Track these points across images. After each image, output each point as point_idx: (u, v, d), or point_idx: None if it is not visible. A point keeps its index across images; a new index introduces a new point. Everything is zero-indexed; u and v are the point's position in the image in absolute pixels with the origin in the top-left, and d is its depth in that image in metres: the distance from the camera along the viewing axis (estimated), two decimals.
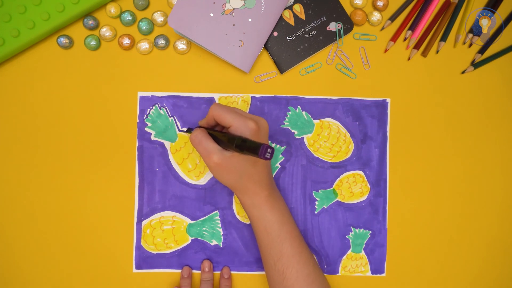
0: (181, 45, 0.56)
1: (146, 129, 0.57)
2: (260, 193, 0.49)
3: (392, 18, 0.58)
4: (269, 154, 0.40)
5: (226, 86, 0.57)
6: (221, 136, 0.47)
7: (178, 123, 0.57)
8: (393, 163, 0.58)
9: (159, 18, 0.56)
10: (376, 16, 0.57)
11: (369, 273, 0.58)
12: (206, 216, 0.57)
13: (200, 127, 0.52)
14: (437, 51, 0.59)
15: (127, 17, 0.56)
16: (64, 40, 0.55)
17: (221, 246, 0.57)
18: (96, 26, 0.56)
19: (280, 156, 0.57)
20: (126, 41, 0.56)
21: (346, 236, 0.58)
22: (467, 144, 0.59)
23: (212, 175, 0.57)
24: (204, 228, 0.57)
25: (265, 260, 0.51)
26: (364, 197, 0.58)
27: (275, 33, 0.56)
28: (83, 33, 0.56)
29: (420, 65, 0.58)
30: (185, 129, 0.57)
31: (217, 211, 0.57)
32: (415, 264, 0.58)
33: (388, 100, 0.58)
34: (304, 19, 0.56)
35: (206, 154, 0.47)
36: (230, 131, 0.47)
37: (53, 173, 0.56)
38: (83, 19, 0.55)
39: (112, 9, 0.55)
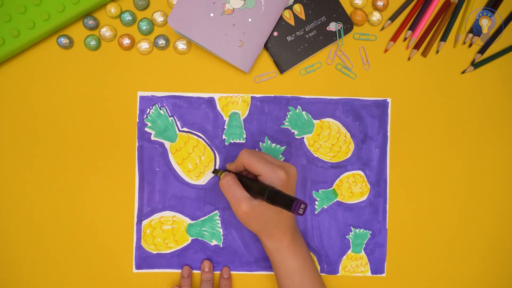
0: (181, 45, 0.56)
1: (146, 129, 0.57)
2: (283, 239, 0.49)
3: (392, 18, 0.58)
4: (302, 210, 0.40)
5: (226, 86, 0.57)
6: (251, 184, 0.47)
7: (178, 123, 0.57)
8: (393, 163, 0.58)
9: (159, 18, 0.56)
10: (376, 16, 0.57)
11: (369, 273, 0.58)
12: (206, 216, 0.57)
13: (227, 170, 0.52)
14: (437, 51, 0.59)
15: (127, 17, 0.56)
16: (64, 40, 0.55)
17: (221, 246, 0.57)
18: (96, 26, 0.56)
19: (280, 156, 0.57)
20: (126, 41, 0.56)
21: (346, 236, 0.58)
22: (467, 144, 0.59)
23: (212, 176, 0.57)
24: (204, 228, 0.57)
25: None
26: (364, 197, 0.58)
27: (275, 33, 0.56)
28: (83, 33, 0.56)
29: (420, 65, 0.58)
30: (211, 169, 0.57)
31: (217, 211, 0.57)
32: (415, 264, 0.58)
33: (389, 100, 0.58)
34: (304, 19, 0.56)
35: (235, 202, 0.47)
36: (260, 179, 0.47)
37: (53, 173, 0.56)
38: (83, 19, 0.55)
39: (112, 9, 0.55)
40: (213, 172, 0.56)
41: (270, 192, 0.43)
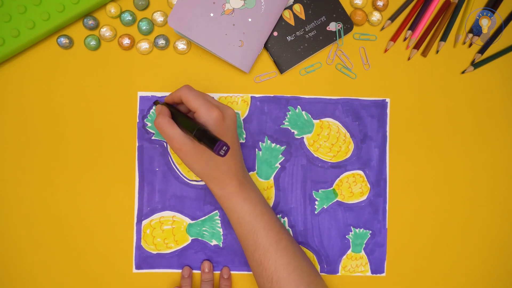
0: (181, 45, 0.56)
1: (146, 129, 0.57)
2: (229, 183, 0.49)
3: (392, 18, 0.58)
4: (223, 151, 0.40)
5: (226, 86, 0.57)
6: (184, 120, 0.47)
7: None
8: (393, 163, 0.58)
9: (159, 18, 0.56)
10: (376, 16, 0.57)
11: (369, 273, 0.58)
12: (206, 216, 0.57)
13: (165, 103, 0.52)
14: (437, 51, 0.59)
15: (127, 17, 0.56)
16: (64, 40, 0.55)
17: (221, 246, 0.57)
18: (96, 26, 0.56)
19: (280, 156, 0.57)
20: (126, 41, 0.56)
21: (346, 236, 0.58)
22: (467, 144, 0.59)
23: None
24: (204, 228, 0.57)
25: (244, 251, 0.51)
26: (364, 197, 0.58)
27: (275, 33, 0.56)
28: (83, 33, 0.56)
29: (420, 65, 0.58)
30: (153, 104, 0.56)
31: (217, 211, 0.57)
32: (415, 264, 0.58)
33: (388, 100, 0.58)
34: (304, 19, 0.56)
35: (169, 141, 0.47)
36: (195, 116, 0.47)
37: (53, 173, 0.56)
38: (83, 19, 0.55)
39: (112, 9, 0.55)
40: (153, 103, 0.54)
41: (198, 130, 0.43)
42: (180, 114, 0.48)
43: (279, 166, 0.58)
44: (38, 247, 0.56)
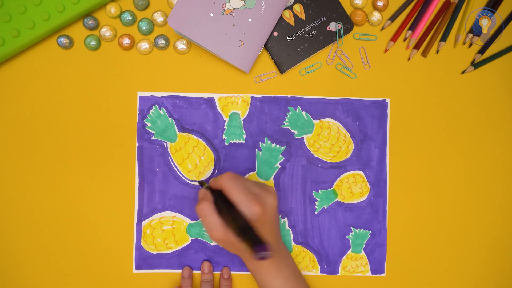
0: (181, 45, 0.56)
1: (146, 129, 0.57)
2: (262, 263, 0.49)
3: (392, 18, 0.58)
4: (261, 255, 0.39)
5: (226, 86, 0.57)
6: (226, 212, 0.45)
7: (178, 123, 0.57)
8: (393, 163, 0.58)
9: (159, 18, 0.56)
10: (376, 16, 0.57)
11: (369, 273, 0.58)
12: None
13: (209, 187, 0.50)
14: (437, 51, 0.59)
15: (127, 17, 0.56)
16: (64, 40, 0.55)
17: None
18: (96, 26, 0.56)
19: (280, 156, 0.57)
20: (126, 41, 0.56)
21: (346, 236, 0.58)
22: (467, 144, 0.59)
23: (212, 174, 0.57)
24: (204, 228, 0.57)
25: None
26: (364, 197, 0.58)
27: (275, 33, 0.56)
28: (83, 33, 0.56)
29: (420, 65, 0.58)
30: (196, 181, 0.57)
31: None
32: (415, 264, 0.58)
33: (388, 100, 0.58)
34: (304, 19, 0.56)
35: (209, 229, 0.46)
36: (237, 207, 0.46)
37: (53, 173, 0.56)
38: (83, 19, 0.55)
39: (112, 9, 0.55)
40: (199, 183, 0.54)
41: (239, 228, 0.42)
42: (222, 203, 0.47)
43: (279, 166, 0.58)
44: (38, 247, 0.56)
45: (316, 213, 0.58)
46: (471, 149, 0.59)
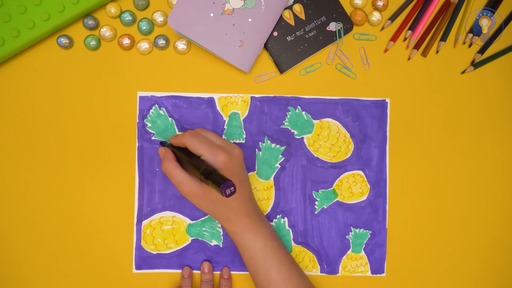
0: (181, 45, 0.56)
1: (146, 129, 0.57)
2: (240, 221, 0.50)
3: (392, 18, 0.58)
4: (229, 191, 0.40)
5: (226, 86, 0.57)
6: (188, 162, 0.47)
7: (178, 123, 0.57)
8: (393, 163, 0.58)
9: (159, 18, 0.56)
10: (376, 16, 0.57)
11: (369, 273, 0.58)
12: (206, 216, 0.57)
13: (170, 144, 0.52)
14: (437, 51, 0.59)
15: (127, 17, 0.56)
16: (64, 40, 0.55)
17: (221, 246, 0.57)
18: (96, 26, 0.56)
19: (280, 156, 0.57)
20: (126, 41, 0.56)
21: (346, 236, 0.58)
22: (467, 144, 0.59)
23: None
24: (204, 228, 0.57)
25: (256, 286, 0.51)
26: (364, 197, 0.58)
27: (275, 33, 0.56)
28: (83, 33, 0.56)
29: (420, 65, 0.58)
30: (158, 141, 0.57)
31: None
32: (415, 264, 0.58)
33: (388, 100, 0.58)
34: (304, 19, 0.56)
35: (177, 184, 0.48)
36: (202, 158, 0.47)
37: (53, 173, 0.56)
38: (83, 19, 0.55)
39: (112, 9, 0.55)
40: (160, 143, 0.55)
41: (203, 172, 0.43)
42: (185, 157, 0.49)
43: (279, 166, 0.58)
44: (38, 247, 0.56)
45: (316, 213, 0.58)
46: (471, 149, 0.59)
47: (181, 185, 0.47)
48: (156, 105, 0.57)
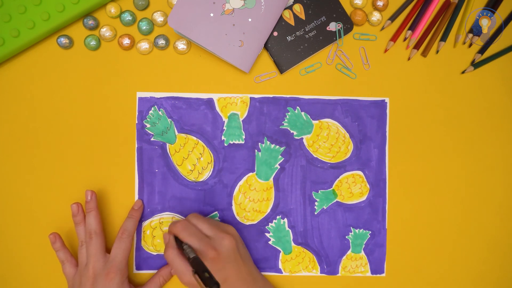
0: (181, 45, 0.56)
1: (145, 130, 0.57)
2: None
3: (392, 18, 0.58)
4: None
5: (226, 86, 0.57)
6: (186, 254, 0.47)
7: (177, 124, 0.57)
8: (392, 163, 0.58)
9: (159, 18, 0.56)
10: (376, 16, 0.57)
11: (369, 273, 0.58)
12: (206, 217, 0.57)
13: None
14: (437, 51, 0.58)
15: (127, 17, 0.56)
16: (64, 40, 0.55)
17: None
18: (96, 26, 0.56)
19: (280, 157, 0.57)
20: (126, 41, 0.56)
21: (346, 237, 0.58)
22: (467, 144, 0.59)
23: (211, 176, 0.57)
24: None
25: None
26: (364, 198, 0.58)
27: (275, 33, 0.56)
28: (83, 33, 0.56)
29: (420, 65, 0.58)
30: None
31: (216, 212, 0.57)
32: (415, 264, 0.58)
33: (387, 100, 0.58)
34: (304, 19, 0.56)
35: (177, 274, 0.48)
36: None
37: (53, 173, 0.56)
38: (83, 19, 0.55)
39: (112, 9, 0.55)
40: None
41: (193, 270, 0.43)
42: (183, 245, 0.49)
43: (279, 167, 0.58)
44: (38, 247, 0.56)
45: (315, 213, 0.58)
46: (471, 149, 0.59)
47: (182, 275, 0.48)
48: (155, 106, 0.57)
